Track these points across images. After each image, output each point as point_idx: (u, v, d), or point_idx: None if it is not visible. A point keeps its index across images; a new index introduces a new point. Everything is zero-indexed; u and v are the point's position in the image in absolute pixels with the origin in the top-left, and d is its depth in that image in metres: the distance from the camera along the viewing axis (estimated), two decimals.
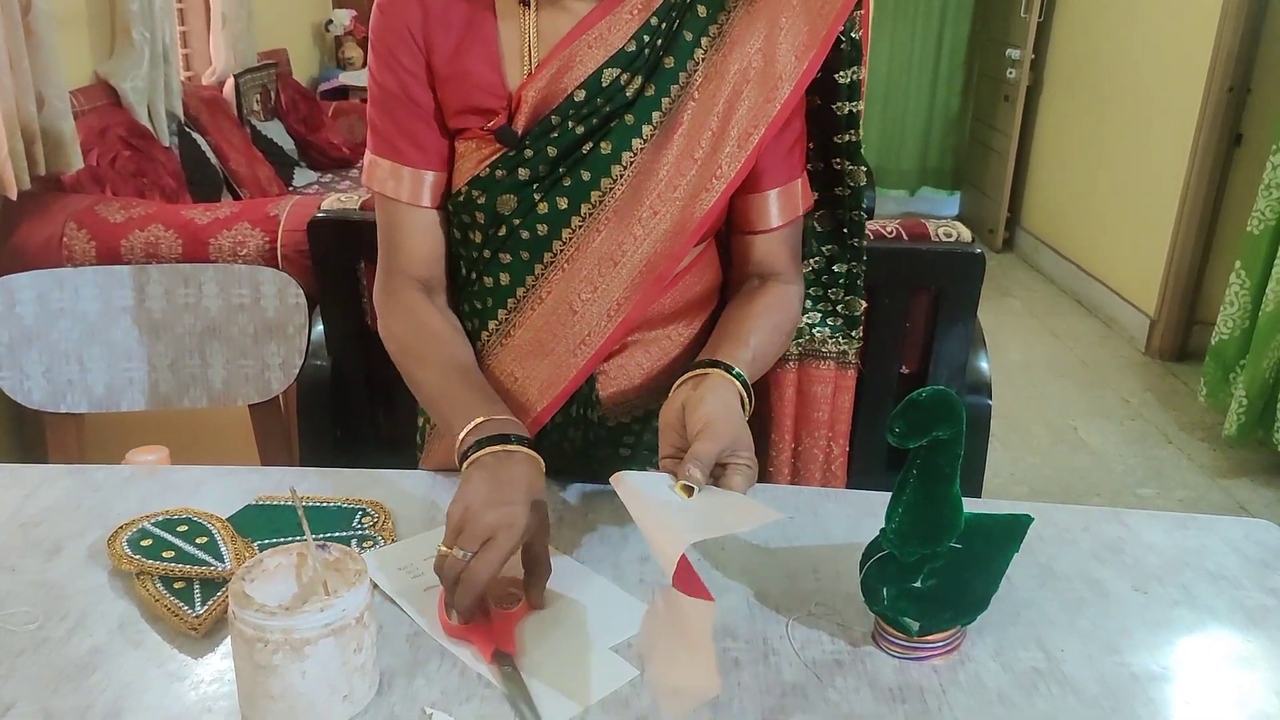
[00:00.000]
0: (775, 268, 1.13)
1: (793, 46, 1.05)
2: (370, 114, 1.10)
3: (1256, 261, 3.07)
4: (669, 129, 1.04)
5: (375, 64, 1.07)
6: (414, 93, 1.06)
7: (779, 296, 1.11)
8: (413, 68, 1.05)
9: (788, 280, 1.13)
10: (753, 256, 1.14)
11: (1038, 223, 5.32)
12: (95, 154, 2.79)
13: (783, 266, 1.13)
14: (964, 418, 0.79)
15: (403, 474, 1.13)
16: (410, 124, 1.07)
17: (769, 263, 1.13)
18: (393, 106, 1.07)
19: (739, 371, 0.98)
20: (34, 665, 0.81)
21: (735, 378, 0.97)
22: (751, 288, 1.12)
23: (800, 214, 1.13)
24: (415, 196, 1.09)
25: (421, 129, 1.08)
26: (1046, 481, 3.08)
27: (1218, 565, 1.00)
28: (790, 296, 1.13)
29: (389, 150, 1.08)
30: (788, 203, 1.12)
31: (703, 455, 0.87)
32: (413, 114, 1.07)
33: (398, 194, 1.08)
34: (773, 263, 1.13)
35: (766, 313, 1.09)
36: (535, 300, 1.08)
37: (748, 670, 0.83)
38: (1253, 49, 3.69)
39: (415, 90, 1.06)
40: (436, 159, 1.09)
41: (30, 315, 1.62)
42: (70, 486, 1.09)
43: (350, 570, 0.77)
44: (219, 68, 4.00)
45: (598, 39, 1.03)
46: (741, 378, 0.98)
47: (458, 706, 0.78)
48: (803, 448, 1.30)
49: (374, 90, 1.08)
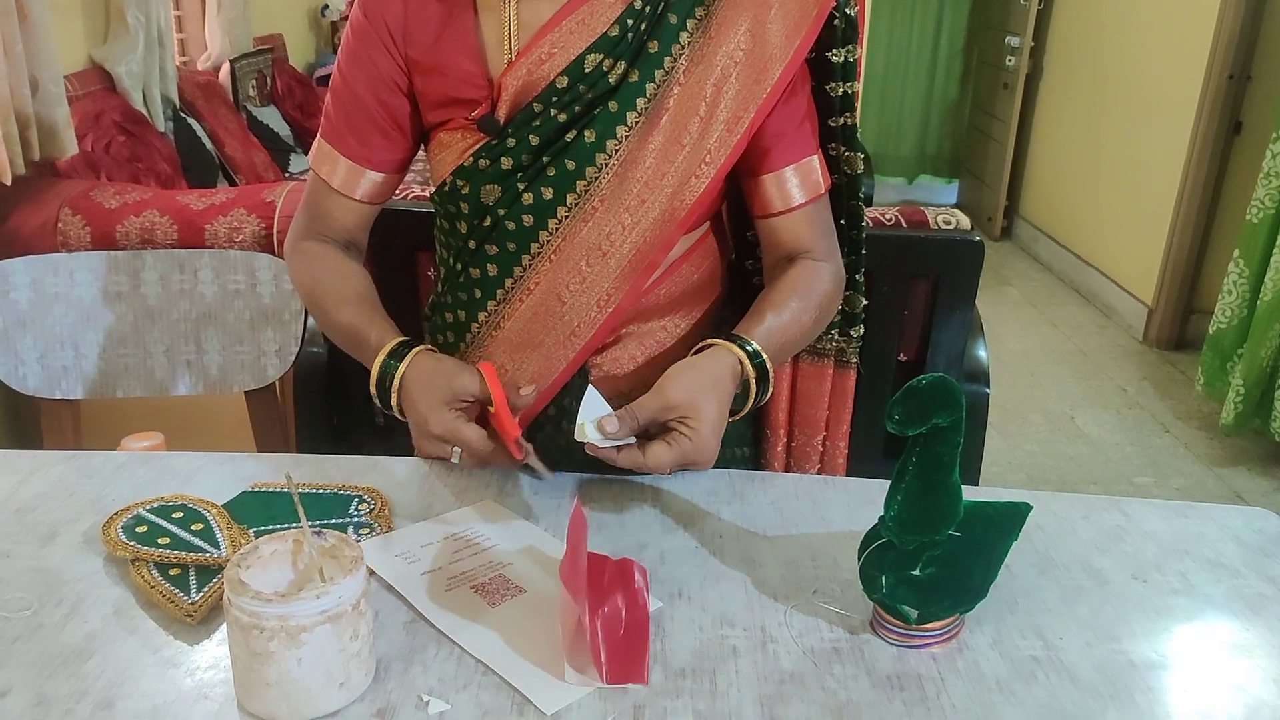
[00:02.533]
0: (804, 246, 1.11)
1: (783, 26, 1.03)
2: (327, 99, 1.11)
3: (1255, 250, 3.07)
4: (654, 115, 1.03)
5: (345, 56, 1.08)
6: (381, 96, 1.07)
7: (805, 270, 1.09)
8: (386, 70, 1.06)
9: (818, 257, 1.11)
10: (780, 240, 1.11)
11: (1036, 211, 5.32)
12: (90, 139, 2.78)
13: (811, 244, 1.11)
14: (964, 405, 0.78)
15: (399, 461, 1.13)
16: (362, 124, 1.09)
17: (797, 243, 1.11)
18: (351, 104, 1.09)
19: (747, 341, 0.98)
20: (29, 651, 0.81)
21: (741, 347, 0.97)
22: (780, 269, 1.11)
23: (823, 191, 1.11)
24: (347, 188, 1.11)
25: (371, 132, 1.09)
26: (1044, 470, 3.08)
27: (1216, 553, 1.00)
28: (819, 271, 1.10)
29: (334, 138, 1.11)
30: (806, 179, 1.09)
31: (639, 408, 0.92)
32: (368, 117, 1.08)
33: (330, 179, 1.11)
34: (801, 243, 1.10)
35: (790, 288, 1.08)
36: (524, 292, 1.07)
37: (745, 658, 0.82)
38: (1253, 36, 3.68)
39: (383, 93, 1.07)
40: (379, 161, 1.11)
41: (25, 300, 1.61)
42: (65, 472, 1.08)
43: (347, 557, 0.77)
44: (214, 53, 3.98)
45: (580, 24, 1.02)
46: (751, 348, 0.97)
47: (454, 694, 0.77)
48: (796, 444, 1.29)
49: (336, 79, 1.10)
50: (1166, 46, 4.07)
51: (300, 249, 1.14)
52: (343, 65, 1.08)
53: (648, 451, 0.92)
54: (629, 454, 0.93)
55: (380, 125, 1.08)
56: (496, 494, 1.06)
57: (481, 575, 0.92)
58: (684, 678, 0.80)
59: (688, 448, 0.91)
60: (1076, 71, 4.90)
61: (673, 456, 0.91)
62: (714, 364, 0.96)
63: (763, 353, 0.99)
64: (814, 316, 1.08)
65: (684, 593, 0.91)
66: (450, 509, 1.03)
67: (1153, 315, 4.05)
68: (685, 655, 0.82)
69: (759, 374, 0.99)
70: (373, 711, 0.76)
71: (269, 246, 2.23)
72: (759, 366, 0.98)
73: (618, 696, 0.78)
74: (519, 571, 0.93)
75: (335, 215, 1.14)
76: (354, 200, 1.12)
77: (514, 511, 1.03)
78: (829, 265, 1.11)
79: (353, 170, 1.10)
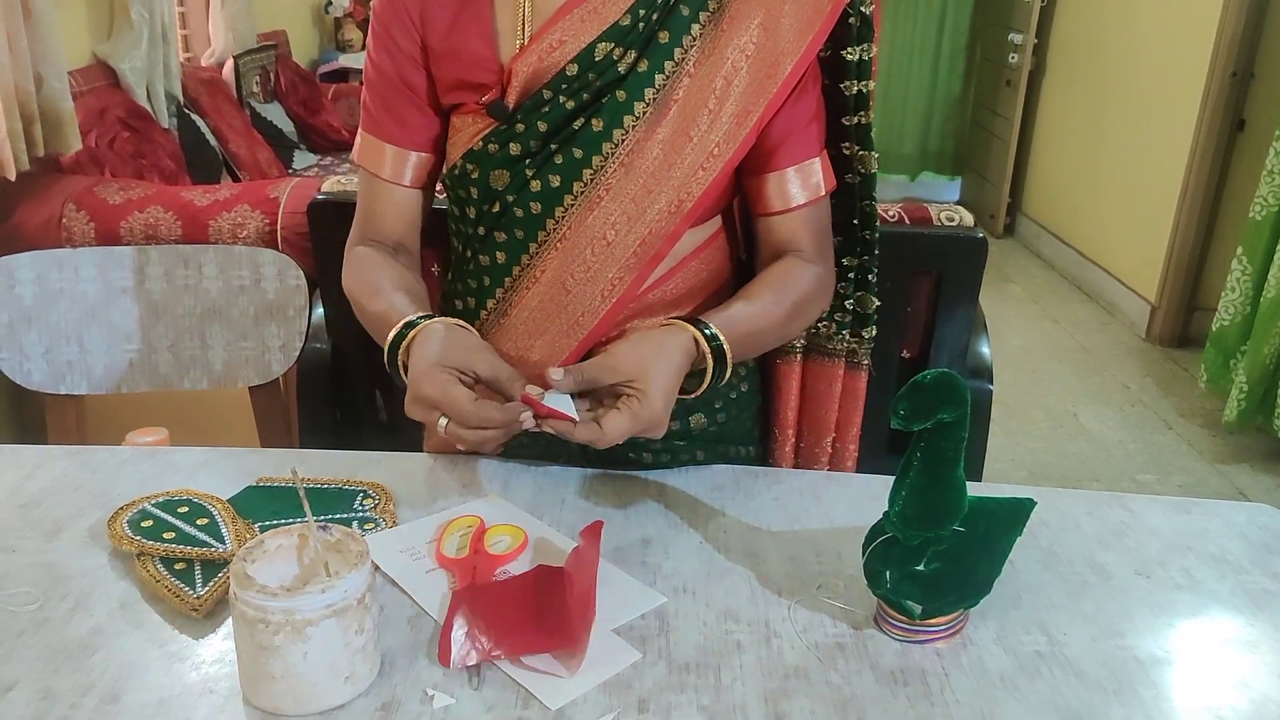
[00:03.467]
0: (796, 246, 1.10)
1: (796, 21, 1.03)
2: (364, 92, 1.13)
3: (1258, 247, 3.07)
4: (663, 106, 1.03)
5: (373, 44, 1.11)
6: (406, 75, 1.09)
7: (787, 267, 1.09)
8: (408, 49, 1.08)
9: (807, 257, 1.10)
10: (774, 239, 1.11)
11: (1039, 208, 5.31)
12: (94, 135, 2.78)
13: (804, 244, 1.10)
14: (969, 401, 0.78)
15: (404, 456, 1.13)
16: (398, 106, 1.10)
17: (791, 243, 1.10)
18: (383, 87, 1.10)
19: (706, 324, 0.98)
20: (35, 646, 0.81)
21: (699, 329, 0.97)
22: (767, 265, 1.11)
23: (824, 194, 1.10)
24: (397, 175, 1.12)
25: (409, 111, 1.11)
26: (1046, 467, 3.08)
27: (1220, 549, 1.00)
28: (803, 270, 1.09)
29: (376, 128, 1.12)
30: (807, 180, 1.09)
31: (585, 366, 0.93)
32: (402, 96, 1.10)
33: (379, 170, 1.12)
34: (794, 243, 1.10)
35: (766, 281, 1.08)
36: (531, 280, 1.08)
37: (750, 653, 0.83)
38: (1256, 34, 3.68)
39: (408, 72, 1.09)
40: (422, 140, 1.12)
41: (30, 296, 1.62)
42: (70, 467, 1.08)
43: (352, 551, 0.77)
44: (218, 49, 3.98)
45: (591, 12, 1.02)
46: (709, 331, 0.97)
47: (459, 688, 0.78)
48: (805, 445, 1.28)
49: (368, 69, 1.12)
50: (1169, 43, 4.06)
51: (349, 257, 1.15)
52: (371, 52, 1.10)
53: (604, 421, 0.91)
54: (585, 428, 0.91)
55: (415, 102, 1.10)
56: (501, 488, 1.07)
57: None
58: (688, 672, 0.80)
59: (638, 409, 0.91)
60: (1079, 69, 4.90)
61: (627, 421, 0.90)
62: (666, 337, 0.96)
63: (720, 335, 0.98)
64: (786, 311, 1.07)
65: (688, 588, 0.91)
66: (455, 504, 1.04)
67: (1156, 312, 4.04)
68: (690, 650, 0.83)
69: (715, 355, 0.98)
70: (377, 705, 0.76)
71: (273, 242, 2.23)
72: (716, 349, 0.98)
73: (622, 692, 0.78)
74: (523, 566, 0.93)
75: (385, 215, 1.14)
76: (404, 187, 1.13)
77: (518, 506, 1.03)
78: (816, 267, 1.11)
79: (398, 155, 1.12)
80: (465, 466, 1.11)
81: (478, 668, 0.79)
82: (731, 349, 0.99)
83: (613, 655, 0.82)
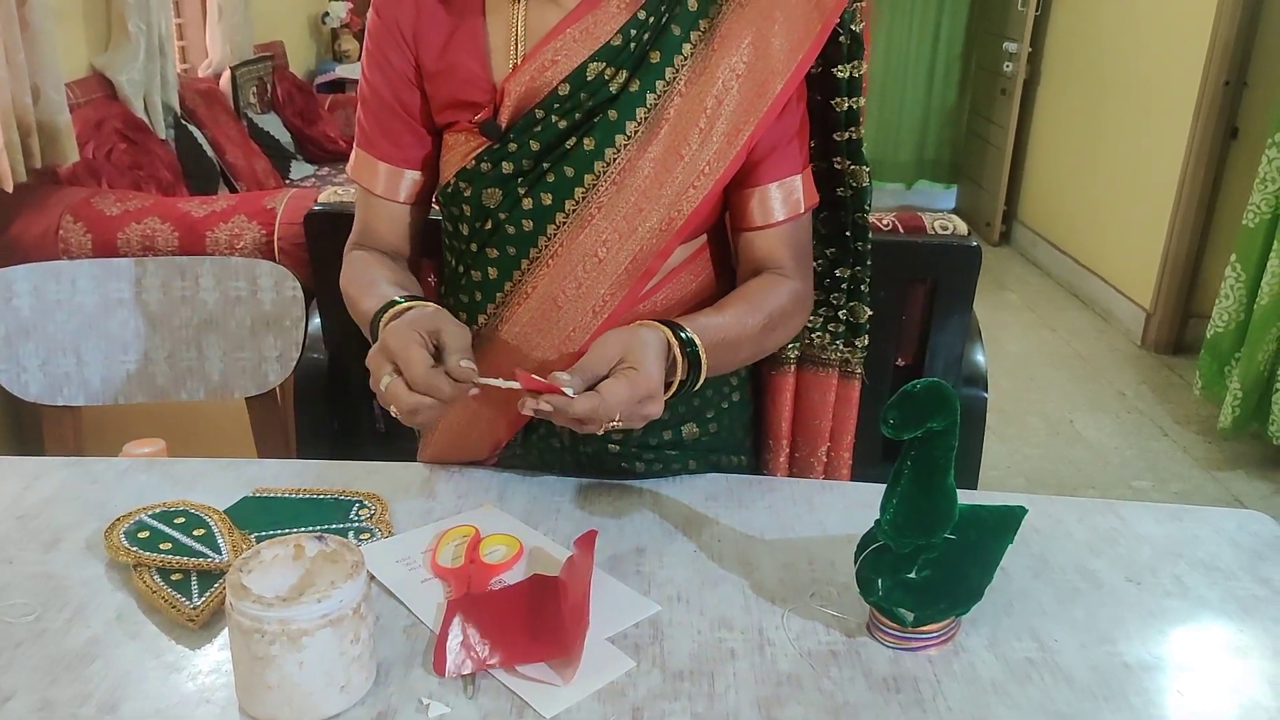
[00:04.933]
0: (775, 262, 1.11)
1: (786, 40, 1.04)
2: (358, 109, 1.14)
3: (1252, 255, 3.08)
4: (654, 126, 1.03)
5: (367, 62, 1.11)
6: (400, 94, 1.10)
7: (763, 281, 1.10)
8: (402, 68, 1.09)
9: (785, 274, 1.11)
10: (754, 255, 1.12)
11: (1034, 216, 5.33)
12: (91, 147, 2.79)
13: (782, 260, 1.11)
14: (958, 409, 0.79)
15: (400, 466, 1.14)
16: (392, 124, 1.11)
17: (769, 259, 1.11)
18: (377, 106, 1.11)
19: (681, 327, 0.98)
20: (32, 656, 0.82)
21: (672, 330, 0.97)
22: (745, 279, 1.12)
23: (804, 210, 1.11)
24: (391, 192, 1.14)
25: (403, 130, 1.11)
26: (1042, 474, 3.08)
27: (1211, 556, 1.00)
28: (779, 285, 1.10)
29: (370, 146, 1.13)
30: (789, 196, 1.10)
31: (581, 365, 0.92)
32: (395, 115, 1.11)
33: (373, 187, 1.14)
34: (773, 258, 1.11)
35: (740, 294, 1.09)
36: (522, 296, 1.08)
37: (743, 660, 0.83)
38: (1249, 43, 3.69)
39: (402, 91, 1.10)
40: (415, 158, 1.13)
41: (27, 308, 1.62)
42: (67, 478, 1.09)
43: (347, 562, 0.78)
44: (215, 60, 3.99)
45: (584, 33, 1.03)
46: (685, 335, 0.97)
47: (454, 697, 0.78)
48: (799, 455, 1.28)
49: (363, 87, 1.13)
50: (1163, 52, 4.08)
51: (347, 258, 1.17)
52: (365, 71, 1.11)
53: (603, 388, 0.91)
54: (585, 398, 0.90)
55: (408, 122, 1.11)
56: (496, 498, 1.07)
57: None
58: (682, 680, 0.81)
59: (635, 377, 0.91)
60: (1074, 77, 4.92)
61: (625, 388, 0.90)
62: (640, 329, 0.96)
63: (695, 339, 0.99)
64: (760, 322, 1.07)
65: (682, 596, 0.91)
66: (450, 514, 1.04)
67: (1150, 319, 4.05)
68: (683, 658, 0.83)
69: (690, 359, 0.98)
70: (373, 715, 0.76)
71: (269, 253, 2.24)
72: (691, 355, 0.98)
73: (616, 700, 0.78)
74: (517, 575, 0.93)
75: (380, 229, 1.16)
76: (398, 203, 1.14)
77: (513, 516, 1.04)
78: (793, 283, 1.11)
79: (392, 173, 1.13)
80: (461, 477, 1.11)
81: (473, 677, 0.80)
82: (706, 353, 0.99)
83: (607, 663, 0.82)
